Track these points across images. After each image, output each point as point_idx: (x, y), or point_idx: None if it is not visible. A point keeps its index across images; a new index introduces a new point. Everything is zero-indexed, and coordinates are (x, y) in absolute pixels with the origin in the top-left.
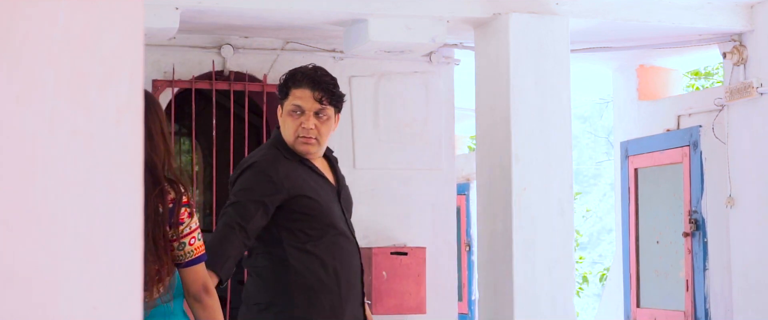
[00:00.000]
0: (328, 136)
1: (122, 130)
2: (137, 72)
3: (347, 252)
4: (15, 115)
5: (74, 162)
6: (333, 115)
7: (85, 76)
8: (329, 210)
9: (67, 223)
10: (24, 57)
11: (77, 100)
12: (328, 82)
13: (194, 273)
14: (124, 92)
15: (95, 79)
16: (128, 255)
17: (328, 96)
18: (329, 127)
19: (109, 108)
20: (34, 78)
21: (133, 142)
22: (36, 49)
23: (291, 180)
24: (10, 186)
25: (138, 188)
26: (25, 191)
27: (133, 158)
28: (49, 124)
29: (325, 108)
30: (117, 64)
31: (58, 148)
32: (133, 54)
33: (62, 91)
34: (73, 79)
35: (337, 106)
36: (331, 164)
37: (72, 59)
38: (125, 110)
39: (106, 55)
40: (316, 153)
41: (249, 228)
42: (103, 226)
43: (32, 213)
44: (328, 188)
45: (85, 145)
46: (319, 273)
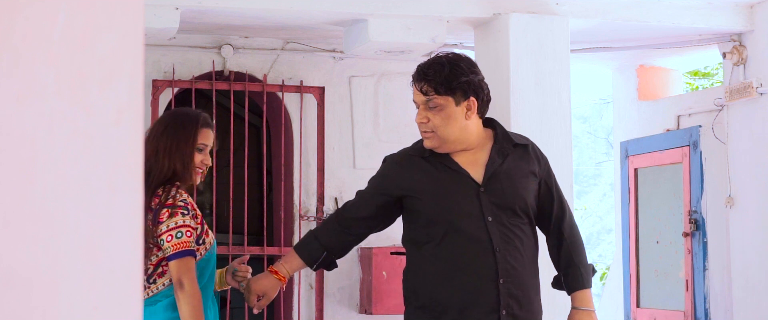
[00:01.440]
0: (447, 126)
1: (122, 130)
2: (137, 72)
3: (470, 254)
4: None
5: (74, 162)
6: (449, 103)
7: (85, 76)
8: (447, 209)
9: (67, 223)
10: (24, 57)
11: (77, 100)
12: (430, 72)
13: (171, 267)
14: (124, 92)
15: (95, 79)
16: (128, 255)
17: (432, 85)
18: (446, 117)
19: (109, 108)
20: (34, 78)
21: (133, 142)
22: (36, 49)
23: (404, 179)
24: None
25: (138, 188)
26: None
27: (133, 158)
28: (49, 124)
29: (433, 98)
30: (117, 64)
31: (58, 148)
32: (133, 54)
33: (62, 91)
34: (73, 79)
35: (450, 92)
36: (498, 154)
37: (72, 59)
38: (125, 110)
39: (106, 55)
40: (440, 146)
41: (346, 215)
42: (103, 226)
43: (32, 213)
44: (461, 185)
45: (85, 145)
46: (431, 272)
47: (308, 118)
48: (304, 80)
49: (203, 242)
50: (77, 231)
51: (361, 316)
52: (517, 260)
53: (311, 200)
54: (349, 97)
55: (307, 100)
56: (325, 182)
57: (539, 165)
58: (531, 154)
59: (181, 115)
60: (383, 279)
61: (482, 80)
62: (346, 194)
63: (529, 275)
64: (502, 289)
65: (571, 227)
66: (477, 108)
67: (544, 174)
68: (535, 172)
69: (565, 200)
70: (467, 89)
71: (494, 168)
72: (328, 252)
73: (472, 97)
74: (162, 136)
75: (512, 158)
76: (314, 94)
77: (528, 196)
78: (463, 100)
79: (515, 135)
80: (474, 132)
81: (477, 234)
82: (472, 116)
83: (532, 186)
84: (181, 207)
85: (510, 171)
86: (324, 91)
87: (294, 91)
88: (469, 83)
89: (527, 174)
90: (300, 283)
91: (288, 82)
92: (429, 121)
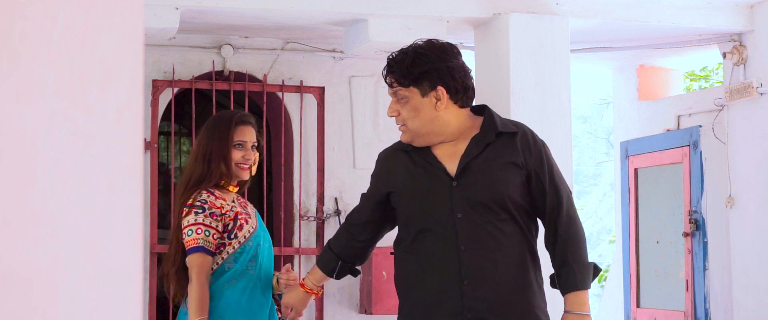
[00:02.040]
0: (415, 118)
1: (122, 130)
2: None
3: (437, 255)
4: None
5: (74, 162)
6: (414, 94)
7: (85, 76)
8: (419, 206)
9: (67, 223)
10: (24, 57)
11: (77, 100)
12: (393, 63)
13: (187, 262)
14: (124, 92)
15: (95, 79)
16: (128, 255)
17: (395, 76)
18: (413, 109)
19: (109, 108)
20: (34, 78)
21: (133, 142)
22: (36, 49)
23: (390, 175)
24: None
25: (138, 188)
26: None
27: (133, 158)
28: (49, 124)
29: (398, 90)
30: (117, 64)
31: (58, 148)
32: (133, 54)
33: (62, 91)
34: (73, 79)
35: (414, 83)
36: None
37: (72, 59)
38: (125, 110)
39: (106, 55)
40: (413, 139)
41: (350, 222)
42: (103, 226)
43: (32, 213)
44: (434, 180)
45: (85, 145)
46: (404, 274)
47: (308, 118)
48: (304, 80)
49: (234, 236)
50: (77, 231)
51: (361, 316)
52: (488, 260)
53: (311, 200)
54: (349, 97)
55: (307, 100)
56: (325, 182)
57: (527, 155)
58: (517, 143)
59: (217, 117)
60: (383, 279)
61: (453, 67)
62: (346, 194)
63: (509, 276)
64: (467, 291)
65: (568, 222)
66: (449, 97)
67: (535, 164)
68: (517, 163)
69: (563, 193)
70: (433, 78)
71: (468, 161)
72: (342, 261)
73: (439, 86)
74: (202, 140)
75: (493, 148)
76: (314, 94)
77: (506, 189)
78: (430, 90)
79: (506, 122)
80: (451, 123)
81: (444, 232)
82: (443, 107)
83: (513, 178)
84: (196, 207)
85: (488, 162)
86: (324, 91)
87: (294, 91)
88: (433, 72)
89: (507, 166)
90: None
91: (288, 82)
92: (399, 114)
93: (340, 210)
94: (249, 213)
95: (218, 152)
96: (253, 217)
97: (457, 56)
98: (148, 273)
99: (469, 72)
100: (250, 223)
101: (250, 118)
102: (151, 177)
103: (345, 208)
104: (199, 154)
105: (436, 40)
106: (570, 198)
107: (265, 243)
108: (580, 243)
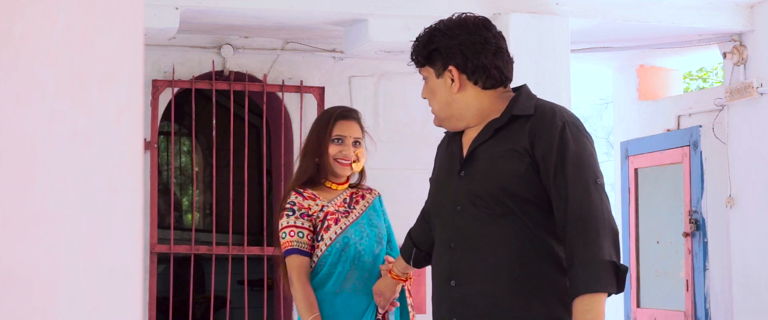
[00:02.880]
0: (433, 101)
1: (122, 129)
2: (137, 72)
3: (437, 253)
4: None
5: (74, 162)
6: (430, 75)
7: (85, 76)
8: (433, 197)
9: (67, 223)
10: (24, 57)
11: (77, 100)
12: (414, 42)
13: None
14: (124, 92)
15: (95, 79)
16: (128, 255)
17: (413, 57)
18: (430, 90)
19: (109, 108)
20: (34, 78)
21: (133, 142)
22: (36, 49)
23: (434, 162)
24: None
25: (138, 188)
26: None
27: (133, 158)
28: (49, 124)
29: (420, 71)
30: (117, 64)
31: (58, 148)
32: (133, 54)
33: (62, 91)
34: (73, 79)
35: (429, 63)
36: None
37: (72, 59)
38: (125, 110)
39: (106, 55)
40: (441, 124)
41: (425, 207)
42: (103, 226)
43: (32, 213)
44: (451, 168)
45: (85, 145)
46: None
47: (308, 118)
48: (304, 80)
49: (321, 239)
50: (77, 231)
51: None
52: (475, 260)
53: None
54: (349, 97)
55: (307, 100)
56: None
57: (537, 140)
58: (526, 127)
59: (320, 115)
60: None
61: (465, 43)
62: None
63: (504, 278)
64: (455, 293)
65: (577, 217)
66: (466, 77)
67: (543, 150)
68: (519, 150)
69: (575, 183)
70: (443, 57)
71: (474, 148)
72: (417, 248)
73: (451, 65)
74: (306, 138)
75: (503, 133)
76: (314, 94)
77: (507, 180)
78: (443, 70)
79: (528, 104)
80: (472, 105)
81: (444, 226)
82: (459, 88)
83: (514, 167)
84: (286, 209)
85: (491, 150)
86: (324, 91)
87: (294, 91)
88: (443, 50)
89: (507, 153)
90: None
91: (288, 82)
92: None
93: None
94: (349, 212)
95: (314, 148)
96: (356, 215)
97: (477, 32)
98: (148, 273)
99: (489, 48)
100: (341, 223)
101: (354, 113)
102: (151, 177)
103: None
104: (301, 152)
105: (462, 15)
106: (587, 188)
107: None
108: (590, 240)
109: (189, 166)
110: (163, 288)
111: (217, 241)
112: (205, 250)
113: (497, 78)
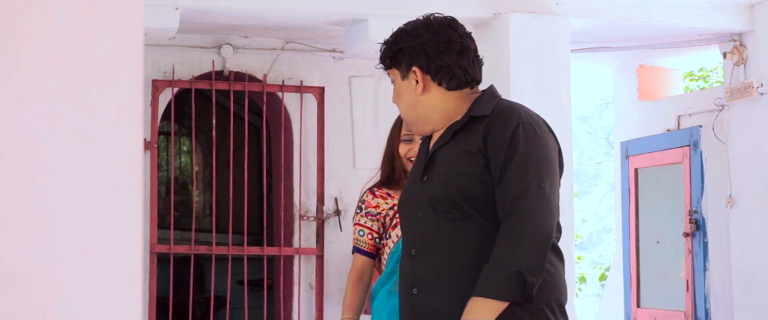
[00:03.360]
0: (399, 104)
1: (122, 130)
2: (137, 72)
3: (402, 253)
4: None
5: (74, 162)
6: (396, 77)
7: (85, 76)
8: (403, 200)
9: (67, 223)
10: (24, 57)
11: (77, 100)
12: (381, 49)
13: None
14: (124, 92)
15: (95, 79)
16: (128, 255)
17: (382, 61)
18: (397, 92)
19: (109, 108)
20: (34, 78)
21: (132, 142)
22: (36, 49)
23: None
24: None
25: (138, 188)
26: (25, 191)
27: (132, 158)
28: (49, 124)
29: (389, 74)
30: (117, 64)
31: (58, 148)
32: (133, 54)
33: (62, 91)
34: (73, 79)
35: (394, 64)
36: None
37: (72, 59)
38: (125, 110)
39: (106, 55)
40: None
41: None
42: (103, 226)
43: (32, 213)
44: (418, 168)
45: (85, 145)
46: None
47: (308, 118)
48: (304, 80)
49: (388, 236)
50: (77, 231)
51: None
52: (435, 266)
53: (311, 200)
54: (349, 97)
55: (307, 100)
56: (325, 182)
57: (490, 139)
58: (482, 126)
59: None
60: None
61: (427, 43)
62: (346, 194)
63: (460, 284)
64: (416, 301)
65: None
66: (430, 78)
67: (495, 148)
68: (473, 151)
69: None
70: (407, 58)
71: (435, 151)
72: None
73: (414, 66)
74: None
75: (462, 135)
76: (314, 94)
77: (463, 183)
78: (408, 71)
79: (487, 105)
80: (436, 108)
81: (407, 232)
82: (423, 89)
83: (470, 169)
84: (358, 207)
85: (451, 151)
86: (324, 91)
87: (294, 91)
88: (406, 50)
89: (462, 155)
90: (300, 283)
91: (288, 82)
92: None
93: (340, 211)
94: None
95: (388, 149)
96: None
97: (442, 32)
98: (148, 273)
99: (454, 48)
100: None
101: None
102: (151, 177)
103: (345, 208)
104: (383, 155)
105: (429, 15)
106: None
107: None
108: (509, 244)
109: (189, 166)
110: (163, 288)
111: (217, 241)
112: (205, 250)
113: (462, 78)
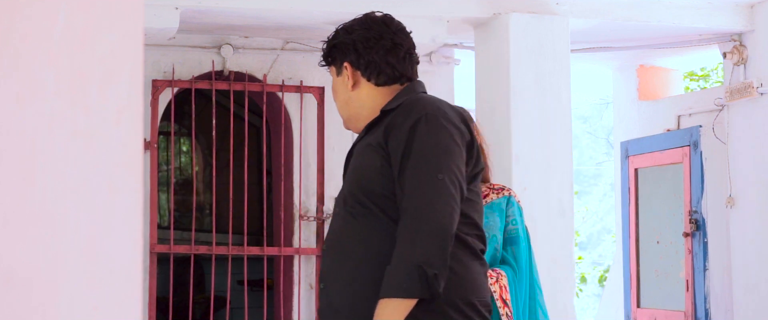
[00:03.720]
0: (335, 98)
1: (122, 130)
2: (137, 72)
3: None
4: (15, 115)
5: (74, 162)
6: (332, 73)
7: (85, 76)
8: None
9: (67, 223)
10: (24, 57)
11: (77, 100)
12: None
13: None
14: (124, 92)
15: (95, 79)
16: (128, 255)
17: (324, 59)
18: (334, 87)
19: (109, 108)
20: (34, 78)
21: (132, 142)
22: (36, 49)
23: None
24: (10, 186)
25: (138, 188)
26: (25, 191)
27: (132, 158)
28: (49, 124)
29: (329, 71)
30: (117, 64)
31: (58, 148)
32: (133, 54)
33: (62, 91)
34: (73, 79)
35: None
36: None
37: (72, 59)
38: (125, 110)
39: (106, 55)
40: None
41: None
42: (103, 226)
43: (32, 213)
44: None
45: (85, 145)
46: None
47: (308, 118)
48: (304, 80)
49: None
50: (77, 231)
51: None
52: (338, 262)
53: (311, 200)
54: None
55: (307, 100)
56: (325, 182)
57: (391, 133)
58: (387, 122)
59: None
60: None
61: (358, 39)
62: None
63: (359, 279)
64: (323, 296)
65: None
66: (361, 74)
67: (395, 143)
68: (374, 144)
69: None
70: (340, 54)
71: (352, 146)
72: None
73: (345, 62)
74: None
75: (374, 130)
76: (314, 94)
77: (363, 177)
78: (341, 68)
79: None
80: (366, 104)
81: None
82: (353, 85)
83: (370, 163)
84: None
85: (361, 146)
86: (324, 91)
87: (294, 91)
88: (339, 46)
89: (367, 149)
90: (300, 283)
91: (288, 82)
92: None
93: None
94: None
95: None
96: None
97: (373, 28)
98: (148, 273)
99: (384, 44)
100: None
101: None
102: (151, 177)
103: None
104: None
105: (368, 13)
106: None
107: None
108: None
109: (189, 166)
110: (163, 288)
111: (217, 241)
112: (205, 250)
113: (390, 74)
